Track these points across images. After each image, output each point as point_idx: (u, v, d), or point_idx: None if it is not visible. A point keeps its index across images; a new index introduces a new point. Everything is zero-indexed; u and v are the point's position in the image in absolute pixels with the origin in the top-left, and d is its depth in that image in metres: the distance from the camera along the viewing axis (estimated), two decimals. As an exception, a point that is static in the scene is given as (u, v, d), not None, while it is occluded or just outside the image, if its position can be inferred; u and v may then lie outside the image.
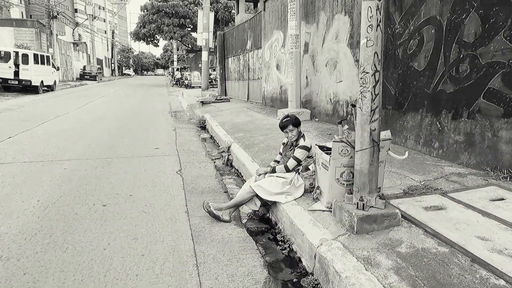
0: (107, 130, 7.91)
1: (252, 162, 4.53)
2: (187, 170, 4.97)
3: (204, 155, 5.91)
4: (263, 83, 11.47)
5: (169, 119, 10.05)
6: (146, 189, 4.15)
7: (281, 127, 3.42)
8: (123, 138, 7.13)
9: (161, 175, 4.72)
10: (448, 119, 4.26)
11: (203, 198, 3.91)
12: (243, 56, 14.25)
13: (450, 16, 4.17)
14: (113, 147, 6.25)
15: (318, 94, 7.68)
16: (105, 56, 53.23)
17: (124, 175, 4.66)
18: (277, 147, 5.23)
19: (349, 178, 2.79)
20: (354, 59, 6.22)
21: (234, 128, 7.29)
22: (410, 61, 4.84)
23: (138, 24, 30.26)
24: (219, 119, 8.65)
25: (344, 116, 6.67)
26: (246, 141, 5.84)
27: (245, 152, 5.11)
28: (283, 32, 9.52)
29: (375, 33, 2.37)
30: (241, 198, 3.30)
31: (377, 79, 2.43)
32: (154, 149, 6.23)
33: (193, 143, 6.84)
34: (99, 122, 9.09)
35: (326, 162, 2.85)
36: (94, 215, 3.39)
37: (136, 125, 8.73)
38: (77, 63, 37.73)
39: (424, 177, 3.65)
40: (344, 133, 2.82)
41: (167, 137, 7.32)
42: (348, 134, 2.79)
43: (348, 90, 6.47)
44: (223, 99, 14.10)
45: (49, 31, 27.09)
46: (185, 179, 4.56)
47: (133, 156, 5.67)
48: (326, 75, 7.26)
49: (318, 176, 3.07)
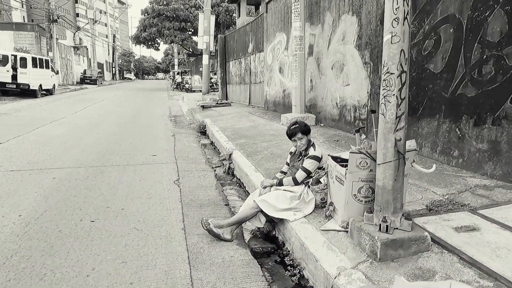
0: (103, 136, 7.57)
1: (256, 172, 4.18)
2: (185, 180, 4.63)
3: (204, 163, 5.56)
4: (265, 87, 11.14)
5: (169, 124, 9.72)
6: (140, 201, 3.80)
7: (289, 135, 3.07)
8: (119, 144, 6.79)
9: (157, 185, 4.37)
10: (469, 126, 3.90)
11: (202, 212, 3.56)
12: (244, 60, 13.95)
13: (472, 13, 3.83)
14: (108, 154, 5.91)
15: (323, 98, 7.34)
16: (106, 60, 53.12)
17: (117, 185, 4.31)
18: (282, 155, 4.88)
19: (368, 194, 2.44)
20: (363, 61, 5.88)
21: (236, 134, 6.95)
22: (425, 63, 4.50)
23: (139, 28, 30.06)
24: (220, 124, 8.32)
25: (352, 121, 6.32)
26: (249, 148, 5.50)
27: (247, 161, 4.76)
28: (286, 34, 9.21)
29: (402, 28, 2.03)
30: (244, 214, 2.95)
31: (404, 81, 2.08)
32: (151, 156, 5.89)
33: (192, 150, 6.50)
34: (95, 127, 8.76)
35: (341, 175, 2.50)
36: (80, 232, 3.03)
37: (134, 131, 8.39)
38: (78, 67, 37.56)
39: (446, 190, 3.29)
40: (363, 143, 2.47)
41: (166, 143, 6.98)
42: (367, 144, 2.45)
43: (356, 94, 6.13)
44: (224, 103, 13.78)
45: (49, 35, 26.88)
46: (183, 190, 4.21)
47: (129, 164, 5.33)
48: (332, 78, 6.93)
49: (332, 191, 2.72)
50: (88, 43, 42.98)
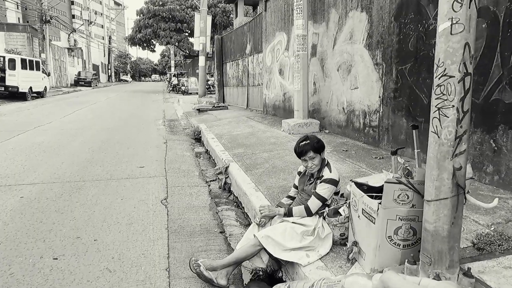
0: (89, 143, 6.94)
1: (256, 191, 3.57)
2: (174, 198, 4.01)
3: (197, 176, 4.95)
4: (264, 90, 10.55)
5: (161, 130, 9.10)
6: (118, 229, 3.18)
7: (298, 153, 2.47)
8: (105, 153, 6.16)
9: (141, 206, 3.75)
10: (507, 137, 3.32)
11: (191, 243, 2.95)
12: (242, 61, 13.35)
13: (510, 5, 3.25)
14: (90, 166, 5.29)
15: (328, 102, 6.75)
16: (101, 62, 52.39)
17: (93, 206, 3.69)
18: (285, 169, 4.28)
19: (408, 236, 1.84)
20: (374, 62, 5.30)
21: (233, 141, 6.34)
22: (450, 64, 3.91)
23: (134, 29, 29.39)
24: (215, 131, 7.71)
25: (361, 128, 5.73)
26: (247, 160, 4.89)
27: (246, 176, 4.15)
28: (286, 33, 8.63)
29: (467, 12, 1.44)
30: (244, 253, 2.34)
31: (468, 86, 1.50)
32: (138, 168, 5.27)
33: (185, 160, 5.88)
34: (82, 133, 8.12)
35: (371, 210, 1.90)
36: (37, 277, 2.41)
37: (123, 137, 7.76)
38: (72, 68, 36.83)
39: (490, 219, 2.70)
40: (401, 169, 1.87)
41: (156, 152, 6.36)
42: (408, 170, 1.85)
43: (366, 98, 5.54)
44: (221, 107, 13.18)
45: (41, 36, 26.18)
46: (171, 213, 3.59)
47: (111, 178, 4.70)
48: (338, 81, 6.34)
49: (356, 227, 2.12)
50: (83, 44, 42.25)
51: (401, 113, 4.77)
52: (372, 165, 4.31)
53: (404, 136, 4.73)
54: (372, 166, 4.24)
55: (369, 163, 4.41)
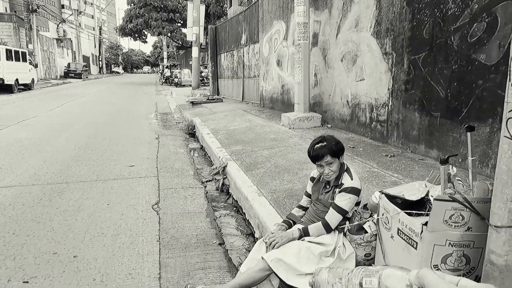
0: (75, 140, 6.48)
1: (259, 196, 3.19)
2: (167, 203, 3.61)
3: (192, 176, 4.55)
4: (261, 82, 10.11)
5: (153, 124, 8.64)
6: (103, 242, 2.78)
7: (313, 157, 2.08)
8: (92, 151, 5.72)
9: (130, 212, 3.35)
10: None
11: (186, 258, 2.56)
12: (237, 52, 12.87)
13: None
14: (74, 165, 4.85)
15: (331, 95, 6.36)
16: (92, 53, 51.22)
17: (75, 214, 3.28)
18: (289, 169, 3.90)
19: (460, 265, 1.47)
20: (382, 52, 4.90)
21: (230, 137, 5.93)
22: (472, 52, 3.54)
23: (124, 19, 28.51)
24: (211, 125, 7.28)
25: (367, 123, 5.36)
26: (247, 158, 4.49)
27: (246, 177, 3.76)
28: (285, 22, 8.18)
29: None
30: (250, 279, 1.95)
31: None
32: (127, 167, 4.85)
33: (178, 158, 5.47)
34: (68, 128, 7.64)
35: (412, 232, 1.53)
36: (1, 307, 2.01)
37: (112, 132, 7.31)
38: (61, 60, 35.86)
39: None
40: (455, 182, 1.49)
41: (147, 149, 5.93)
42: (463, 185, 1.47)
43: (373, 91, 5.16)
44: (216, 99, 12.72)
45: (28, 26, 25.27)
46: (163, 220, 3.20)
47: (98, 179, 4.28)
48: (342, 72, 5.94)
49: (387, 248, 1.75)
50: (73, 35, 41.11)
51: (413, 107, 4.40)
52: (384, 164, 3.95)
53: (417, 132, 4.37)
54: (384, 166, 3.88)
55: (380, 161, 4.05)
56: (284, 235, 2.04)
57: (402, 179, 3.43)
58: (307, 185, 2.34)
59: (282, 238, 2.02)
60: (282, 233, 2.07)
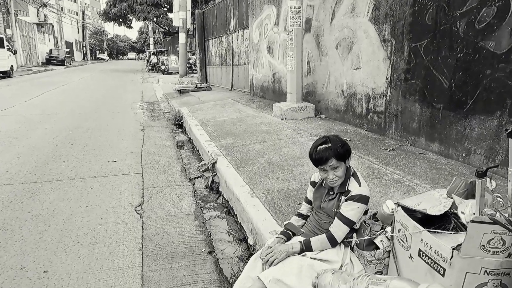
0: (54, 132, 6.08)
1: (252, 197, 2.92)
2: (151, 204, 3.32)
3: (179, 172, 4.25)
4: (251, 70, 9.75)
5: (139, 114, 8.25)
6: (78, 252, 2.49)
7: (316, 160, 1.81)
8: (72, 144, 5.35)
9: (110, 216, 3.05)
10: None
11: (172, 271, 2.29)
12: (225, 38, 12.41)
13: None
14: (51, 161, 4.50)
15: (324, 84, 6.08)
16: (75, 39, 49.55)
17: (49, 219, 2.96)
18: (283, 165, 3.63)
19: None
20: (381, 39, 4.62)
21: (220, 129, 5.63)
22: (480, 40, 3.29)
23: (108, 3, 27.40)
24: (199, 116, 6.95)
25: (364, 114, 5.11)
26: (238, 153, 4.21)
27: (237, 174, 3.48)
28: (276, 6, 7.79)
29: None
30: (244, 301, 1.70)
31: None
32: (109, 162, 4.52)
33: (165, 152, 5.15)
34: (47, 120, 7.21)
35: (438, 256, 1.28)
36: None
37: (95, 124, 6.91)
38: (43, 46, 34.54)
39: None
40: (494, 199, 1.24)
41: (132, 142, 5.59)
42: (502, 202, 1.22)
43: (370, 80, 4.89)
44: (204, 87, 12.31)
45: (6, 10, 24.09)
46: (147, 225, 2.91)
47: (76, 177, 3.95)
48: (336, 60, 5.65)
49: (404, 269, 1.50)
50: (54, 20, 39.55)
51: (413, 98, 4.16)
52: (384, 159, 3.72)
53: (417, 125, 4.14)
54: (384, 161, 3.65)
55: (380, 156, 3.82)
56: (283, 250, 1.78)
57: (404, 176, 3.21)
58: (307, 190, 2.08)
59: (280, 253, 1.77)
60: (281, 247, 1.81)
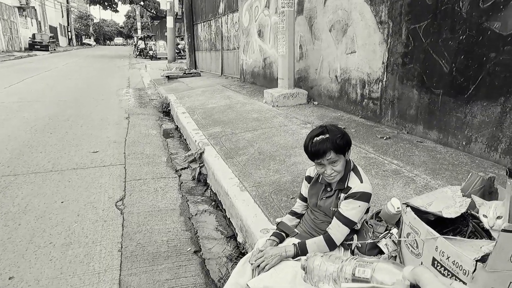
0: (33, 121, 5.75)
1: (242, 190, 2.71)
2: (134, 198, 3.09)
3: (165, 163, 4.01)
4: (241, 55, 9.43)
5: (124, 102, 7.91)
6: (50, 254, 2.26)
7: (312, 153, 1.59)
8: (51, 134, 5.04)
9: (88, 212, 2.81)
10: None
11: (153, 275, 2.09)
12: (215, 22, 11.99)
13: None
14: (28, 152, 4.21)
15: (317, 69, 5.83)
16: (59, 24, 47.92)
17: (19, 217, 2.71)
18: (274, 155, 3.42)
19: (525, 315, 1.05)
20: (377, 21, 4.38)
21: (208, 117, 5.37)
22: (484, 20, 3.08)
23: (93, -15, 26.41)
24: (187, 103, 6.66)
25: (358, 101, 4.91)
26: (227, 143, 3.98)
27: (226, 166, 3.26)
28: (267, -12, 7.45)
29: None
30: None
31: None
32: (90, 153, 4.25)
33: (150, 141, 4.89)
34: (26, 108, 6.84)
35: (457, 268, 1.09)
36: None
37: (77, 112, 6.58)
38: (25, 30, 33.29)
39: None
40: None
41: (115, 131, 5.30)
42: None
43: (365, 64, 4.67)
44: (193, 73, 11.95)
45: (-16, -8, 22.96)
46: (128, 222, 2.69)
47: (53, 170, 3.68)
48: (330, 44, 5.40)
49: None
50: (37, 3, 38.06)
51: (411, 83, 3.96)
52: (380, 148, 3.54)
53: (414, 111, 3.95)
54: (381, 150, 3.47)
55: (376, 145, 3.64)
56: (275, 254, 1.58)
57: (403, 166, 3.03)
58: (301, 185, 1.87)
59: (272, 258, 1.56)
60: (272, 250, 1.61)
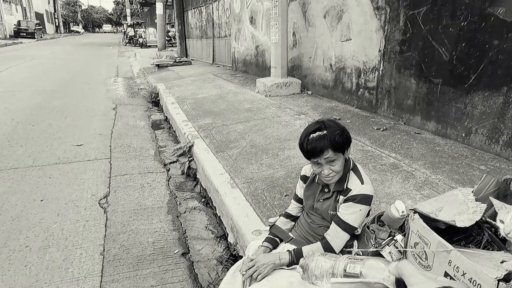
0: (14, 112, 5.49)
1: (233, 187, 2.56)
2: (119, 196, 2.92)
3: (153, 157, 3.84)
4: (233, 42, 9.17)
5: (112, 91, 7.65)
6: (25, 260, 2.09)
7: (308, 152, 1.44)
8: (33, 126, 4.81)
9: (69, 212, 2.64)
10: None
11: (137, 281, 1.94)
12: (205, 8, 11.65)
13: None
14: (6, 146, 3.99)
15: (311, 57, 5.65)
16: (46, 10, 46.55)
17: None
18: (267, 148, 3.27)
19: None
20: (374, 6, 4.20)
21: (198, 108, 5.17)
22: (487, 5, 2.92)
23: (79, -30, 25.50)
24: (177, 92, 6.44)
25: (354, 90, 4.75)
26: (218, 135, 3.81)
27: (217, 160, 3.10)
28: (259, -28, 7.17)
29: None
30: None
31: None
32: (74, 146, 4.05)
33: (138, 133, 4.69)
34: (8, 98, 6.55)
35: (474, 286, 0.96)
36: None
37: (62, 102, 6.32)
38: (10, 17, 32.22)
39: None
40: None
41: (101, 122, 5.09)
42: None
43: (361, 53, 4.50)
44: (184, 62, 11.65)
45: (-36, -24, 22.04)
46: (112, 222, 2.53)
47: (34, 165, 3.49)
48: (324, 31, 5.21)
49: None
50: (21, -12, 36.78)
51: (409, 72, 3.81)
52: (377, 140, 3.40)
53: (412, 101, 3.82)
54: (377, 142, 3.33)
55: (372, 137, 3.50)
56: (268, 262, 1.44)
57: (401, 159, 2.90)
58: (296, 185, 1.72)
59: (265, 267, 1.42)
60: (265, 258, 1.46)
